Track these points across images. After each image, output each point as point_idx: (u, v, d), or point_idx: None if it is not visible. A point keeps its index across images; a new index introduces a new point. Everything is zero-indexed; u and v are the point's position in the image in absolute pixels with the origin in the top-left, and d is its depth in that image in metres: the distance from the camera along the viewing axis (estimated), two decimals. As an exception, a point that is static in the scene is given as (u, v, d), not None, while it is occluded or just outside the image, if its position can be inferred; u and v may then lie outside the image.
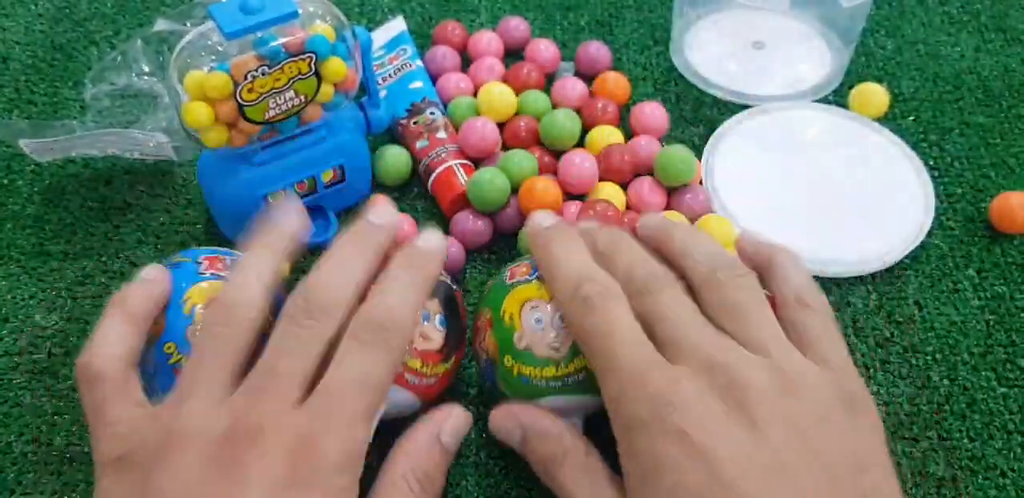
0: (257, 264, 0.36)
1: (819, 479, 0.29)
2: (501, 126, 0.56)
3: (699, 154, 0.56)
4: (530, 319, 0.39)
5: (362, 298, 0.36)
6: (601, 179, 0.54)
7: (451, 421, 0.36)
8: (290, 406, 0.32)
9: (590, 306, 0.34)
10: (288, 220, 0.38)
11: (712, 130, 0.58)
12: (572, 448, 0.35)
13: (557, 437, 0.36)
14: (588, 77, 0.60)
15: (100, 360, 0.35)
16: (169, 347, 0.38)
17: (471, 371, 0.47)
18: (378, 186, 0.55)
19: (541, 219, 0.41)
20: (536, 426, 0.36)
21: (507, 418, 0.37)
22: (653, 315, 0.34)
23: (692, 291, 0.36)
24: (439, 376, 0.40)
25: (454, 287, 0.42)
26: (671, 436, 0.30)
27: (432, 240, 0.38)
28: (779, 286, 0.37)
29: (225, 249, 0.43)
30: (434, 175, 0.53)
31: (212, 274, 0.40)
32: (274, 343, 0.33)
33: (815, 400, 0.31)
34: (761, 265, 0.38)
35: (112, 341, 0.35)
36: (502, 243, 0.52)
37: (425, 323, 0.39)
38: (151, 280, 0.38)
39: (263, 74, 0.43)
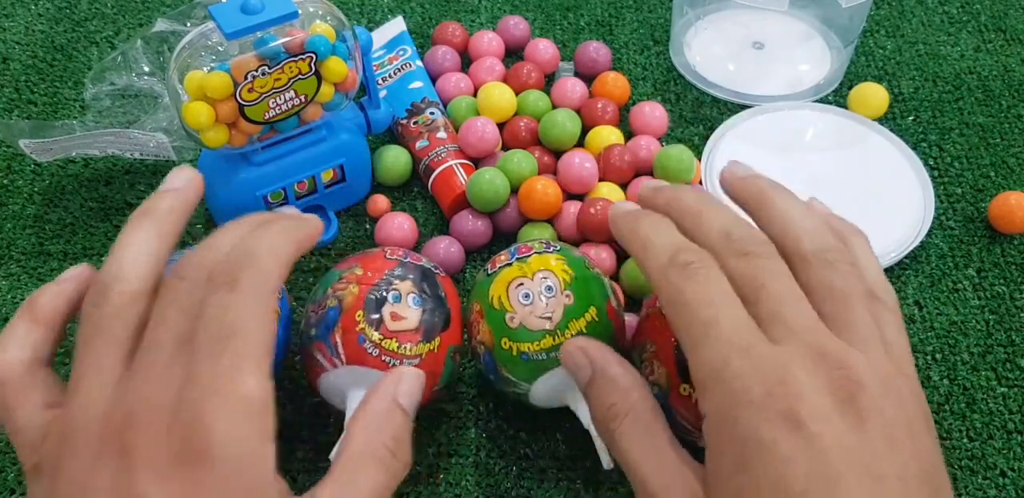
0: (131, 237, 0.33)
1: (908, 489, 0.27)
2: (501, 126, 0.56)
3: (699, 154, 0.56)
4: (518, 296, 0.40)
5: None
6: (601, 179, 0.54)
7: (404, 383, 0.35)
8: (166, 379, 0.28)
9: (691, 272, 0.31)
10: (170, 184, 0.35)
11: (712, 130, 0.58)
12: (639, 403, 0.32)
13: (625, 389, 0.32)
14: (588, 77, 0.60)
15: None
16: None
17: (470, 371, 0.47)
18: (378, 186, 0.55)
19: (623, 204, 0.39)
20: (608, 370, 0.33)
21: (579, 353, 0.34)
22: (752, 281, 0.31)
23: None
24: (422, 357, 0.39)
25: (436, 271, 0.42)
26: (784, 421, 0.27)
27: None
28: None
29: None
30: (434, 175, 0.53)
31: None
32: (152, 315, 0.31)
33: (907, 409, 0.29)
34: None
35: (10, 344, 0.32)
36: (502, 243, 0.52)
37: (396, 303, 0.39)
38: (65, 279, 0.34)
39: (263, 74, 0.43)
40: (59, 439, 0.29)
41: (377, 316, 0.38)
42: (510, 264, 0.42)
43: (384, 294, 0.39)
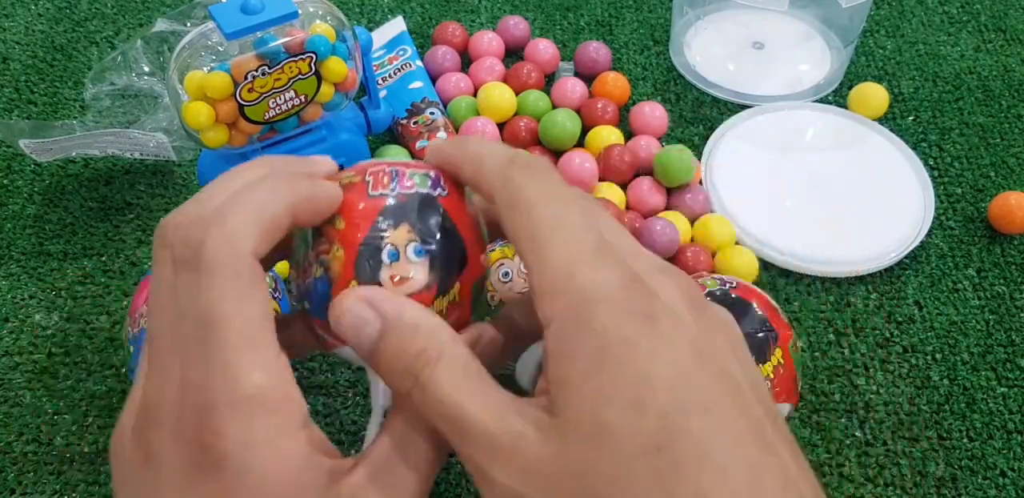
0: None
1: (750, 389, 0.25)
2: (501, 126, 0.56)
3: (699, 154, 0.56)
4: (498, 275, 0.41)
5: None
6: (601, 179, 0.54)
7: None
8: (168, 376, 0.26)
9: (533, 170, 0.28)
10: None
11: (712, 130, 0.58)
12: (450, 344, 0.26)
13: (431, 331, 0.26)
14: (588, 77, 0.60)
15: None
16: None
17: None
18: (378, 186, 0.55)
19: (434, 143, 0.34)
20: (404, 315, 0.27)
21: (361, 304, 0.27)
22: None
23: None
24: (444, 312, 0.30)
25: (435, 192, 0.30)
26: (644, 316, 0.25)
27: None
28: None
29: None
30: (434, 175, 0.53)
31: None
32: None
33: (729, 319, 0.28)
34: None
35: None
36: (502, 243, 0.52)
37: (394, 262, 0.29)
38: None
39: (263, 74, 0.43)
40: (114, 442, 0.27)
41: (376, 283, 0.29)
42: (492, 249, 0.43)
43: (377, 253, 0.29)
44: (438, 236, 0.29)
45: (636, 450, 0.23)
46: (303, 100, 0.46)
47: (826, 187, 0.55)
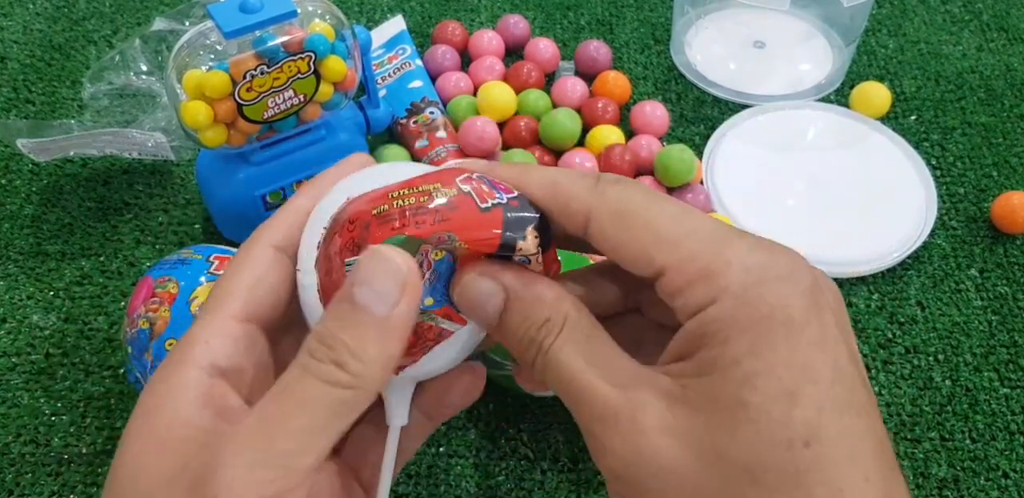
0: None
1: (862, 375, 0.25)
2: (501, 126, 0.56)
3: (700, 154, 0.56)
4: None
5: None
6: (601, 179, 0.53)
7: (379, 277, 0.25)
8: None
9: (626, 184, 0.27)
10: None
11: (712, 130, 0.58)
12: (574, 312, 0.26)
13: (555, 301, 0.26)
14: (588, 76, 0.60)
15: None
16: (171, 344, 0.38)
17: (471, 372, 0.47)
18: (377, 186, 0.55)
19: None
20: (530, 288, 0.26)
21: (482, 278, 0.27)
22: None
23: None
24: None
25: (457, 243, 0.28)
26: (812, 297, 0.24)
27: None
28: None
29: (235, 250, 0.43)
30: (434, 175, 0.53)
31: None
32: None
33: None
34: None
35: None
36: (502, 243, 0.52)
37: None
38: None
39: (262, 73, 0.43)
40: None
41: None
42: None
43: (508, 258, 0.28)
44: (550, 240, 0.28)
45: (780, 440, 0.22)
46: (302, 99, 0.45)
47: (827, 187, 0.54)
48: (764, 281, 0.24)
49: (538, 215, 0.27)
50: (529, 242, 0.26)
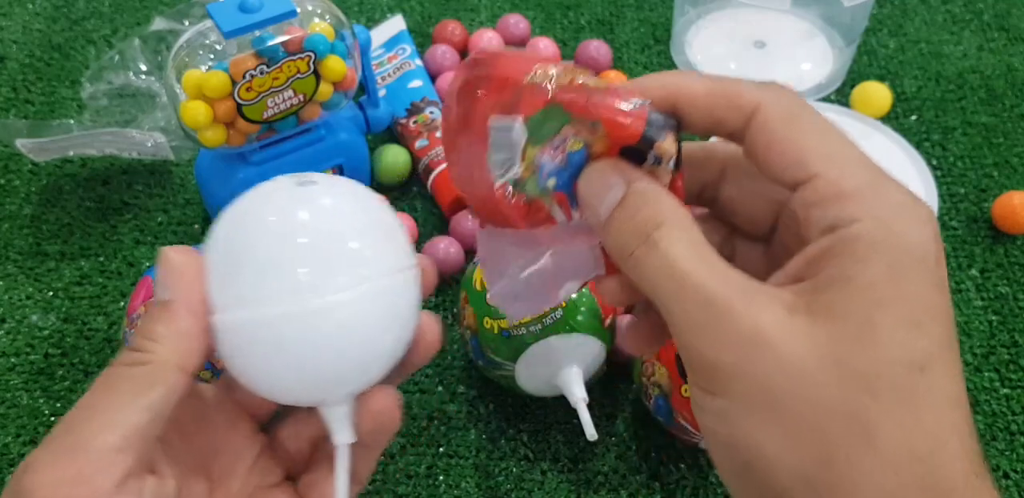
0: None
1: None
2: (501, 125, 0.56)
3: (700, 154, 0.56)
4: None
5: None
6: (602, 179, 0.53)
7: (160, 272, 0.29)
8: None
9: (797, 95, 0.28)
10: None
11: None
12: (687, 219, 0.26)
13: (672, 204, 0.27)
14: (588, 76, 0.60)
15: None
16: None
17: (471, 373, 0.47)
18: (377, 186, 0.55)
19: None
20: (648, 187, 0.27)
21: (611, 169, 0.27)
22: None
23: None
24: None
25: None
26: (938, 243, 0.26)
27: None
28: None
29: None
30: (434, 175, 0.53)
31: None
32: None
33: None
34: None
35: None
36: (502, 243, 0.52)
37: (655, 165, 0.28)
38: None
39: (261, 73, 0.43)
40: None
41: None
42: None
43: (642, 156, 0.28)
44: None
45: (900, 360, 0.23)
46: (302, 99, 0.45)
47: (828, 187, 0.54)
48: (910, 219, 0.25)
49: (677, 122, 0.27)
50: (668, 143, 0.27)
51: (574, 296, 0.41)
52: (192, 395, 0.31)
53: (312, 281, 0.28)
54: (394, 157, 0.54)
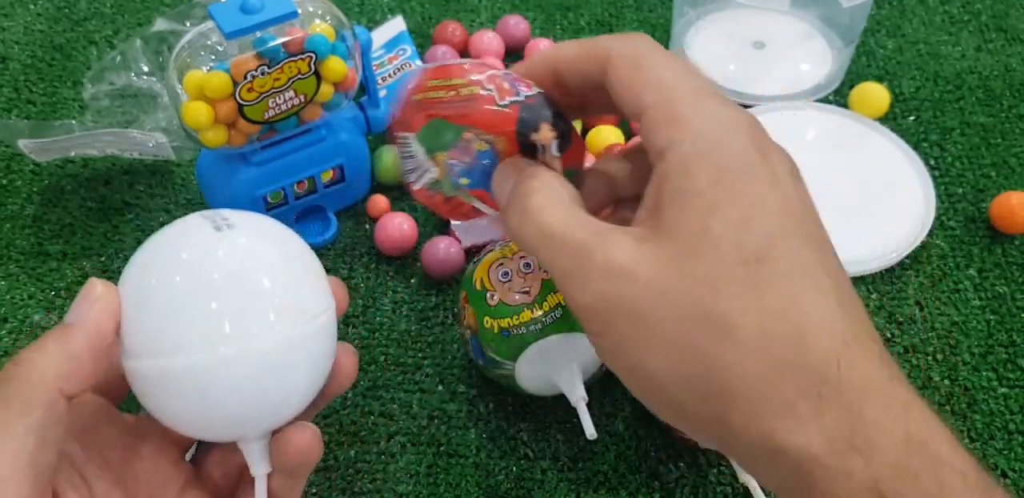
0: None
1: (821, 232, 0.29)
2: (501, 126, 0.56)
3: (699, 154, 0.56)
4: (497, 275, 0.42)
5: None
6: (601, 179, 0.53)
7: (78, 297, 0.30)
8: None
9: (643, 37, 0.30)
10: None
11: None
12: (556, 184, 0.29)
13: (545, 177, 0.30)
14: (588, 77, 0.60)
15: None
16: None
17: (471, 372, 0.47)
18: (377, 186, 0.55)
19: None
20: (529, 171, 0.30)
21: (507, 169, 0.31)
22: None
23: None
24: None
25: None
26: (760, 152, 0.28)
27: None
28: None
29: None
30: (434, 175, 0.53)
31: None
32: None
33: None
34: None
35: None
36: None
37: (540, 155, 0.31)
38: None
39: (263, 74, 0.43)
40: None
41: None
42: (492, 250, 0.44)
43: (532, 148, 0.32)
44: (569, 129, 0.32)
45: (736, 258, 0.25)
46: (303, 100, 0.45)
47: (826, 187, 0.54)
48: (727, 128, 0.27)
49: (552, 111, 0.31)
50: (543, 132, 0.31)
51: None
52: (114, 422, 0.31)
53: (224, 330, 0.28)
54: (394, 157, 0.54)
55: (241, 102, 0.43)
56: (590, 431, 0.40)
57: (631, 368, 0.27)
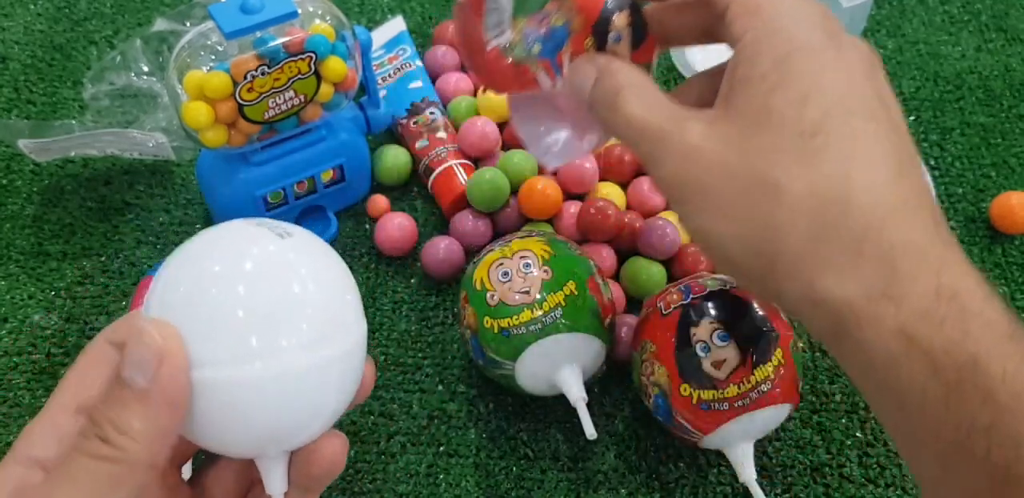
0: None
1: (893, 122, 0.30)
2: (501, 126, 0.56)
3: (699, 154, 0.56)
4: (497, 275, 0.42)
5: None
6: (601, 179, 0.53)
7: (135, 350, 0.25)
8: None
9: None
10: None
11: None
12: (638, 80, 0.32)
13: (627, 73, 0.32)
14: (588, 77, 0.60)
15: None
16: None
17: (471, 372, 0.47)
18: (377, 186, 0.55)
19: None
20: (611, 67, 0.33)
21: (586, 63, 0.34)
22: None
23: None
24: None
25: None
26: (830, 37, 0.30)
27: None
28: None
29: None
30: (434, 175, 0.53)
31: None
32: None
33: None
34: None
35: None
36: (502, 243, 0.52)
37: (614, 43, 0.34)
38: None
39: (263, 74, 0.43)
40: None
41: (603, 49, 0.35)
42: (492, 250, 0.44)
43: (605, 33, 0.35)
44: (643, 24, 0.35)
45: (793, 131, 0.28)
46: (303, 100, 0.45)
47: (827, 187, 0.54)
48: (797, 20, 0.29)
49: (633, 5, 0.34)
50: (620, 18, 0.34)
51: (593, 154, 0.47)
52: None
53: (279, 343, 0.27)
54: (394, 157, 0.54)
55: (241, 102, 0.43)
56: (590, 431, 0.40)
57: (698, 230, 0.30)
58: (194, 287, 0.27)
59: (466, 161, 0.54)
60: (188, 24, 0.55)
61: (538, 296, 0.41)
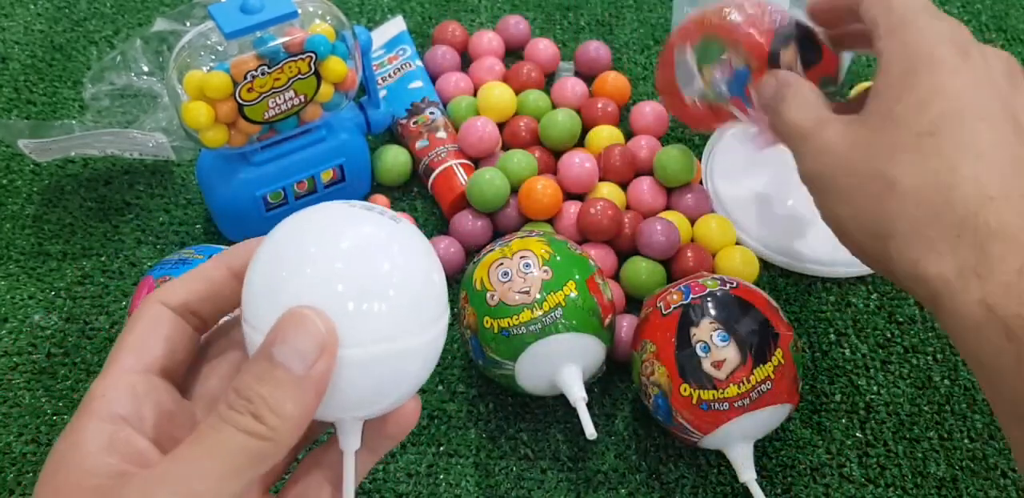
0: None
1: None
2: (501, 126, 0.56)
3: (699, 154, 0.56)
4: (497, 275, 0.42)
5: None
6: (601, 179, 0.53)
7: (298, 338, 0.25)
8: None
9: None
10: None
11: (712, 130, 0.58)
12: (804, 90, 0.39)
13: (797, 85, 0.39)
14: (588, 77, 0.60)
15: None
16: None
17: (471, 372, 0.47)
18: (378, 186, 0.55)
19: None
20: (787, 79, 0.40)
21: (771, 77, 0.41)
22: None
23: None
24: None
25: (808, 25, 0.43)
26: (958, 48, 0.34)
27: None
28: None
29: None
30: (434, 175, 0.53)
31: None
32: None
33: None
34: None
35: None
36: (502, 243, 0.52)
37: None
38: None
39: (263, 74, 0.43)
40: None
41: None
42: (492, 250, 0.44)
43: (779, 65, 0.42)
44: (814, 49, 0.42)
45: (911, 132, 0.33)
46: (303, 100, 0.45)
47: (827, 187, 0.55)
48: (928, 36, 0.34)
49: (798, 36, 0.42)
50: (788, 54, 0.41)
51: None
52: None
53: (405, 327, 0.27)
54: (394, 157, 0.54)
55: (241, 102, 0.43)
56: (590, 431, 0.40)
57: (827, 217, 0.36)
58: (340, 267, 0.26)
59: (466, 161, 0.54)
60: (188, 24, 0.55)
61: (538, 296, 0.41)
